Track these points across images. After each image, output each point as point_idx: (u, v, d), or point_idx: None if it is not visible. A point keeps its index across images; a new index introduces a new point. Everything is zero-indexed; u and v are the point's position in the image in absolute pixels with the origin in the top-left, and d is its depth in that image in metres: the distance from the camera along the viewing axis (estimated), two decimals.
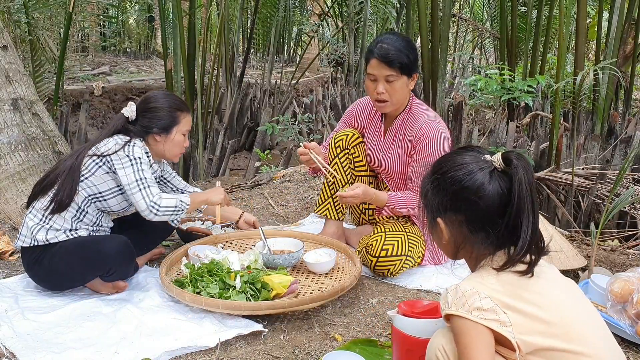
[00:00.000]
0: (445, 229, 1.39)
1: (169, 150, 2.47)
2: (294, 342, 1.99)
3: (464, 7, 12.77)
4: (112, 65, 11.27)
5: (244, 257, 2.42)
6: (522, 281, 1.31)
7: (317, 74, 11.43)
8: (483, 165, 1.35)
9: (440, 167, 1.42)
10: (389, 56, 2.42)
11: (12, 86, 3.34)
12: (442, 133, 2.50)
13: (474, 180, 1.33)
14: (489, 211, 1.33)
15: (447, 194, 1.37)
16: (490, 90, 4.75)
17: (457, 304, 1.29)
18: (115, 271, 2.28)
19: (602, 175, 4.07)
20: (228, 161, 5.92)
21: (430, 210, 1.43)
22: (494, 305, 1.26)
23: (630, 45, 5.50)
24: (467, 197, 1.34)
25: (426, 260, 2.63)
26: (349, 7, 8.17)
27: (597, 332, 1.34)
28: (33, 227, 2.26)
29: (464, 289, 1.30)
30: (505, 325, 1.25)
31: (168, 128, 2.42)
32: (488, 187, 1.32)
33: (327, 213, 2.81)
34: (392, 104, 2.53)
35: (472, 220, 1.35)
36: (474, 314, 1.26)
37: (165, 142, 2.44)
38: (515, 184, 1.30)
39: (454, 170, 1.37)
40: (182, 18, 5.42)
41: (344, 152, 2.77)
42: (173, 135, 2.44)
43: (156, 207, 2.28)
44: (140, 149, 2.34)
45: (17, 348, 1.90)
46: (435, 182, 1.41)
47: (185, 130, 2.47)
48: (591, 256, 2.52)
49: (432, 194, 1.41)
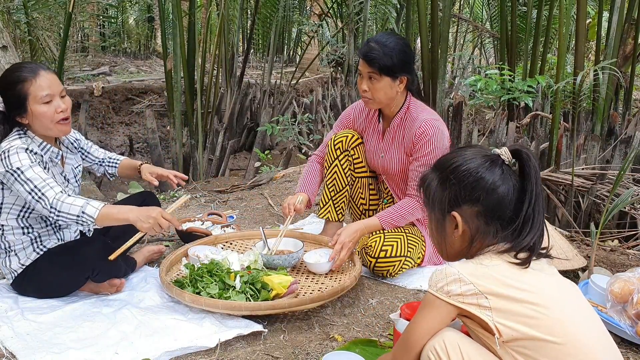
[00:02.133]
0: (461, 221, 1.41)
1: (40, 126, 2.17)
2: (294, 342, 1.99)
3: (464, 7, 12.77)
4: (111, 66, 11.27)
5: (243, 258, 2.42)
6: (515, 272, 1.35)
7: (317, 74, 11.43)
8: (493, 157, 1.41)
9: (450, 162, 1.43)
10: (369, 55, 2.42)
11: None
12: (441, 130, 2.50)
13: (490, 170, 1.38)
14: (505, 201, 1.37)
15: (463, 186, 1.39)
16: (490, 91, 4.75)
17: (437, 285, 1.36)
18: (99, 271, 2.23)
19: (602, 175, 4.07)
20: (228, 161, 5.92)
21: (440, 206, 1.45)
22: (475, 290, 1.31)
23: (630, 46, 5.50)
24: (484, 187, 1.37)
25: (426, 261, 2.63)
26: (348, 8, 8.16)
27: (591, 333, 1.34)
28: (3, 262, 2.27)
29: (449, 272, 1.35)
30: (484, 309, 1.30)
31: (21, 106, 2.13)
32: (503, 177, 1.37)
33: (329, 216, 2.81)
34: (374, 102, 2.53)
35: (488, 211, 1.39)
36: (452, 298, 1.33)
37: (30, 120, 2.16)
38: (532, 171, 1.37)
39: (467, 162, 1.40)
40: (181, 18, 5.42)
41: (344, 154, 2.77)
42: (30, 110, 2.13)
43: (55, 212, 2.04)
44: (16, 151, 2.08)
45: (17, 348, 1.90)
46: (445, 177, 1.43)
47: (41, 97, 2.12)
48: (591, 256, 2.52)
49: (443, 189, 1.43)
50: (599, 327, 1.37)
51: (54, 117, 2.16)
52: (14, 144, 2.12)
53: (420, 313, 1.39)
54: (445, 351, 1.34)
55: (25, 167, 2.07)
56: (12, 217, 2.22)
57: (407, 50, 2.48)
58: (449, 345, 1.35)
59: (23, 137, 2.19)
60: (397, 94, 2.51)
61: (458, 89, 8.78)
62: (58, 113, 2.17)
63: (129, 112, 8.56)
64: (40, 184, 2.06)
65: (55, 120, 2.17)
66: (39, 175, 2.08)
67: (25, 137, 2.19)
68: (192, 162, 5.65)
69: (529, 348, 1.29)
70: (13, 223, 2.22)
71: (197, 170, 5.65)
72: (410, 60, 2.50)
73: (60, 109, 2.17)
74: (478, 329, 1.36)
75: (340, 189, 2.78)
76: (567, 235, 3.19)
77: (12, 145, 2.11)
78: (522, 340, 1.29)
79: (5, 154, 2.10)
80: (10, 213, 2.21)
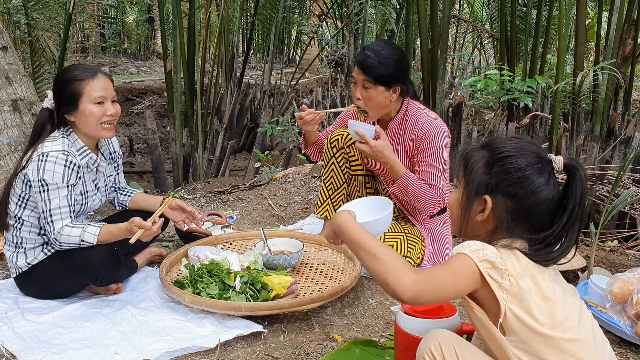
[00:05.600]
0: (490, 208, 1.37)
1: (86, 126, 2.22)
2: (294, 342, 1.99)
3: (463, 7, 12.78)
4: (111, 66, 11.28)
5: (243, 258, 2.42)
6: (536, 266, 1.32)
7: (316, 74, 11.45)
8: (545, 162, 1.36)
9: (502, 148, 1.38)
10: (365, 63, 2.42)
11: (12, 87, 3.34)
12: (443, 130, 2.51)
13: (539, 173, 1.34)
14: (540, 207, 1.34)
15: (506, 178, 1.35)
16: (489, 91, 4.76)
17: (471, 247, 1.30)
18: (103, 278, 2.26)
19: (602, 175, 4.07)
20: (228, 162, 5.92)
21: (476, 186, 1.40)
22: (504, 269, 1.27)
23: (630, 46, 5.50)
24: (527, 186, 1.33)
25: (426, 261, 2.63)
26: (348, 8, 8.17)
27: (597, 337, 1.34)
28: (11, 257, 2.27)
29: (486, 245, 1.31)
30: (502, 290, 1.27)
31: (73, 103, 2.19)
32: (548, 184, 1.34)
33: (327, 214, 2.81)
34: (368, 109, 2.52)
35: (521, 210, 1.35)
36: (482, 264, 1.27)
37: (78, 118, 2.21)
38: (578, 190, 1.33)
39: (519, 157, 1.35)
40: (181, 19, 5.43)
41: (340, 152, 2.78)
42: (81, 108, 2.19)
43: (57, 243, 2.16)
44: (55, 161, 2.12)
45: (17, 349, 1.91)
46: (493, 162, 1.38)
47: (94, 98, 2.19)
48: (591, 257, 2.52)
49: (485, 172, 1.38)
50: (599, 331, 1.38)
51: (101, 118, 2.22)
52: (55, 149, 2.14)
53: (449, 269, 1.30)
54: (440, 352, 1.34)
55: (53, 187, 2.12)
56: (34, 216, 2.24)
57: (403, 60, 2.48)
58: (444, 346, 1.35)
59: (65, 138, 2.22)
60: (390, 103, 2.52)
61: (458, 89, 8.79)
62: (107, 116, 2.23)
63: (129, 113, 8.57)
64: (55, 210, 2.13)
65: (101, 122, 2.23)
66: (59, 201, 2.14)
67: (68, 139, 2.22)
68: (192, 162, 5.65)
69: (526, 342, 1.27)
70: (34, 221, 2.24)
71: (197, 170, 5.65)
72: (405, 71, 2.50)
73: (109, 112, 2.23)
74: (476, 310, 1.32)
75: (337, 187, 2.78)
76: None
77: (54, 149, 2.14)
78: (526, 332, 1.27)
79: (43, 157, 2.12)
80: (33, 211, 2.23)
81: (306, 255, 2.65)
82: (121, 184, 2.60)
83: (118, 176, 2.56)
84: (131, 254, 2.54)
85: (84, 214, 2.39)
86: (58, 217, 2.14)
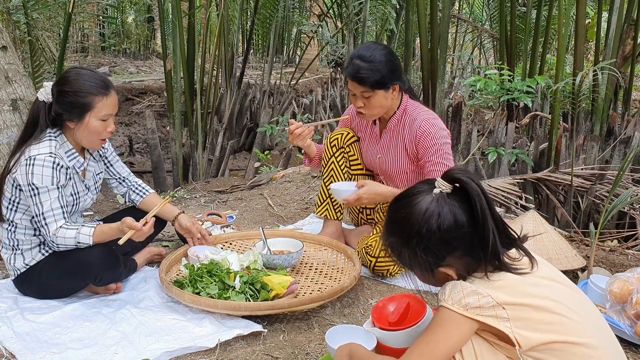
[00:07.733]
0: (451, 270, 1.37)
1: (84, 137, 2.21)
2: (294, 342, 1.99)
3: (463, 7, 12.78)
4: (111, 66, 11.28)
5: (243, 258, 2.42)
6: (524, 280, 1.33)
7: (316, 74, 11.44)
8: (440, 199, 1.35)
9: (410, 228, 1.37)
10: (358, 75, 2.42)
11: (12, 87, 3.34)
12: (440, 127, 2.52)
13: (449, 217, 1.33)
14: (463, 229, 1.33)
15: (437, 244, 1.34)
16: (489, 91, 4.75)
17: (453, 299, 1.30)
18: (102, 278, 2.26)
19: (601, 175, 4.07)
20: (227, 162, 5.91)
21: (425, 268, 1.39)
22: (493, 303, 1.27)
23: (630, 46, 5.50)
24: (453, 233, 1.33)
25: None
26: (348, 8, 8.16)
27: (603, 333, 1.35)
28: (9, 259, 2.27)
29: (464, 285, 1.31)
30: (502, 320, 1.27)
31: (80, 114, 2.16)
32: (463, 214, 1.33)
33: (327, 214, 2.82)
34: (371, 115, 2.55)
35: (465, 247, 1.35)
36: (469, 312, 1.28)
37: (79, 129, 2.18)
38: (473, 191, 1.33)
39: (426, 221, 1.34)
40: (181, 18, 5.42)
41: (340, 151, 2.78)
42: (86, 121, 2.16)
43: (54, 245, 2.16)
44: (42, 164, 2.10)
45: (16, 348, 1.90)
46: (413, 245, 1.37)
47: (102, 115, 2.17)
48: (590, 256, 2.53)
49: (420, 255, 1.36)
50: (606, 325, 1.39)
51: (102, 134, 2.22)
52: (42, 152, 2.12)
53: (437, 332, 1.31)
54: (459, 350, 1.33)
55: (43, 190, 2.11)
56: (27, 218, 2.23)
57: (393, 59, 2.49)
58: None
59: (54, 139, 2.19)
60: (392, 100, 2.53)
61: (457, 89, 8.79)
62: (107, 132, 2.23)
63: (129, 113, 8.57)
64: (48, 212, 2.13)
65: (101, 138, 2.23)
66: (50, 204, 2.13)
67: (57, 140, 2.20)
68: (192, 162, 5.65)
69: (549, 352, 1.28)
70: (27, 223, 2.24)
71: (196, 170, 5.64)
72: (397, 68, 2.50)
73: (110, 129, 2.23)
74: (496, 341, 1.32)
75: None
76: (567, 235, 3.19)
77: (41, 152, 2.12)
78: (542, 346, 1.28)
79: (30, 161, 2.11)
80: (25, 213, 2.22)
81: (306, 255, 2.65)
82: (123, 174, 2.55)
83: (113, 167, 2.51)
84: (130, 254, 2.54)
85: (77, 213, 2.39)
86: (52, 219, 2.13)
